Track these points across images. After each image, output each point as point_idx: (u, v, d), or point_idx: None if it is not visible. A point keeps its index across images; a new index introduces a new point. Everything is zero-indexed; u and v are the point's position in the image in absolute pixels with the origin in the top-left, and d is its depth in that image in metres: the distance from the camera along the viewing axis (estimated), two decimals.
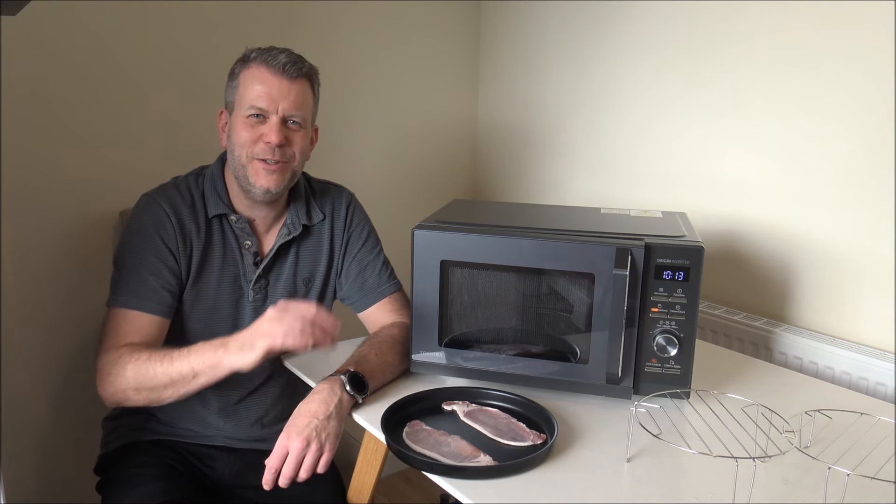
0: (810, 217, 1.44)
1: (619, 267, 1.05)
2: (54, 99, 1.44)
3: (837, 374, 1.35)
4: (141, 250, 1.18)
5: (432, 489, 0.97)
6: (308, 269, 1.31)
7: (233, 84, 1.20)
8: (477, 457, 0.95)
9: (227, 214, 1.23)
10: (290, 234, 1.26)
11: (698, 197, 1.63)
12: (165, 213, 1.19)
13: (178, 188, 1.23)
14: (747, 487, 0.86)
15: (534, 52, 1.98)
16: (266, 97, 1.16)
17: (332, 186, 1.37)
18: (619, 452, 0.97)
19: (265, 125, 1.17)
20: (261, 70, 1.16)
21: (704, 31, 1.57)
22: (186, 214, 1.21)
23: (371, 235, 1.36)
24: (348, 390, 1.08)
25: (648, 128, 1.72)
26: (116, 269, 1.20)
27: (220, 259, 1.23)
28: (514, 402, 1.11)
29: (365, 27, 1.88)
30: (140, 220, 1.20)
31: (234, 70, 1.21)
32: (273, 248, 1.26)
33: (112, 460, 1.27)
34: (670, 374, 1.09)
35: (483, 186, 2.23)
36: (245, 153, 1.18)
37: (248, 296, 1.25)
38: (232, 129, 1.20)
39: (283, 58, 1.16)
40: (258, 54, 1.18)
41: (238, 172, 1.20)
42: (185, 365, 1.06)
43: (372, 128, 1.97)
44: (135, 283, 1.16)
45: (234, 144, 1.19)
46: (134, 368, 1.08)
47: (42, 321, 1.48)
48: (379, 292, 1.32)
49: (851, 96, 1.34)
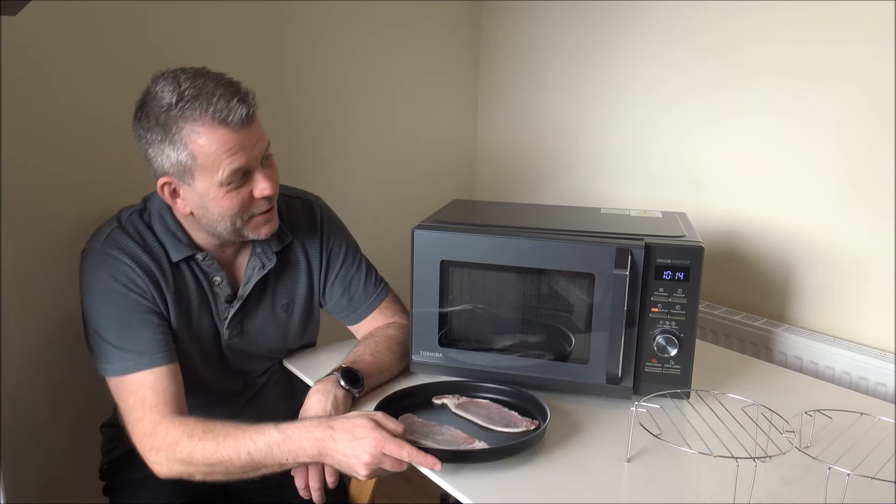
0: (810, 217, 1.44)
1: (619, 267, 1.05)
2: (54, 99, 1.44)
3: (837, 374, 1.35)
4: (119, 312, 1.06)
5: (432, 489, 0.97)
6: (286, 295, 1.22)
7: (173, 147, 1.01)
8: (472, 443, 0.95)
9: (191, 256, 1.12)
10: (265, 267, 1.17)
11: (698, 197, 1.63)
12: (126, 265, 1.07)
13: (126, 233, 1.10)
14: (748, 487, 0.86)
15: (534, 52, 1.98)
16: (241, 156, 1.01)
17: (298, 199, 1.25)
18: (620, 452, 0.97)
19: (251, 180, 1.05)
20: (217, 130, 0.99)
21: (706, 32, 1.57)
22: (147, 261, 1.09)
23: (349, 246, 1.28)
24: (343, 385, 1.07)
25: (649, 128, 1.72)
26: (99, 337, 1.07)
27: (194, 301, 1.14)
28: (503, 393, 1.12)
29: (365, 27, 1.88)
30: (100, 279, 1.07)
31: (166, 124, 1.00)
32: (248, 285, 1.16)
33: (118, 465, 1.25)
34: (670, 374, 1.09)
35: (483, 186, 2.23)
36: (239, 219, 1.06)
37: (224, 335, 1.18)
38: (204, 202, 1.04)
39: (233, 105, 0.99)
40: (193, 104, 0.99)
41: (224, 234, 1.08)
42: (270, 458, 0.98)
43: (372, 128, 1.97)
44: (134, 344, 1.06)
45: (215, 216, 1.05)
46: (202, 451, 0.98)
47: (42, 321, 1.48)
48: (368, 305, 1.27)
49: (852, 96, 1.34)
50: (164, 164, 1.03)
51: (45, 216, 1.46)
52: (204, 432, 0.99)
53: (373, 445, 0.91)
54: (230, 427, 0.99)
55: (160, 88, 1.01)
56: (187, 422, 1.02)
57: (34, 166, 1.43)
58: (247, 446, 0.97)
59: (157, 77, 1.04)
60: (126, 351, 1.05)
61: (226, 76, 1.04)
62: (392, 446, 0.91)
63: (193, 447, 0.98)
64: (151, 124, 1.02)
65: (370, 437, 0.92)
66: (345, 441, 0.93)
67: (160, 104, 1.01)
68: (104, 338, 1.06)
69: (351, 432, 0.93)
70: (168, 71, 1.04)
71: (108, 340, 1.06)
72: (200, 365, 1.18)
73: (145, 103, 1.03)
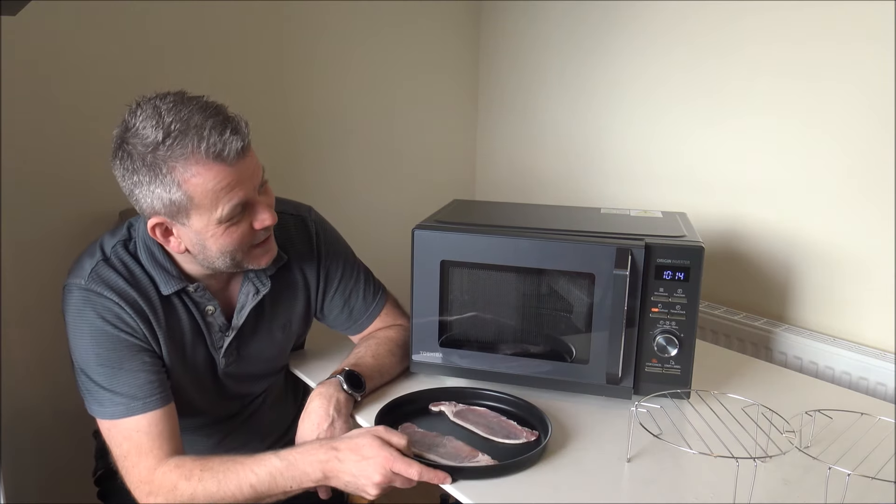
0: (810, 217, 1.44)
1: (619, 267, 1.05)
2: (54, 99, 1.44)
3: (837, 374, 1.35)
4: (109, 353, 1.00)
5: (432, 489, 0.96)
6: (284, 315, 1.17)
7: (164, 188, 0.93)
8: (475, 456, 0.95)
9: (182, 289, 1.05)
10: (260, 293, 1.11)
11: (698, 197, 1.63)
12: (114, 303, 1.00)
13: (112, 267, 1.02)
14: (748, 487, 0.86)
15: (534, 52, 1.98)
16: (239, 190, 0.95)
17: (290, 216, 1.18)
18: (620, 453, 0.97)
19: (250, 212, 0.99)
20: (212, 168, 0.92)
21: (706, 32, 1.57)
22: (136, 297, 1.01)
23: (346, 260, 1.23)
24: (346, 389, 1.07)
25: (649, 128, 1.72)
26: (88, 379, 1.00)
27: (187, 334, 1.08)
28: (501, 401, 1.11)
29: (364, 27, 1.88)
30: (86, 318, 1.00)
31: (153, 165, 0.92)
32: (243, 313, 1.11)
33: (111, 473, 1.18)
34: (670, 374, 1.09)
35: (483, 187, 2.23)
36: (239, 253, 1.01)
37: (220, 364, 1.12)
38: (202, 239, 0.98)
39: (227, 138, 0.92)
40: (182, 140, 0.91)
41: (222, 268, 1.03)
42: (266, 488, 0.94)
43: (371, 128, 1.97)
44: (126, 387, 0.99)
45: (213, 253, 1.00)
46: (204, 491, 0.94)
47: (42, 321, 1.48)
48: (368, 316, 1.24)
49: (852, 96, 1.34)
50: (155, 205, 0.95)
51: (45, 216, 1.46)
52: (202, 471, 0.94)
53: (382, 465, 0.89)
54: (228, 462, 0.95)
55: (141, 124, 0.92)
56: (183, 463, 0.96)
57: (34, 166, 1.43)
58: (249, 479, 0.93)
59: (133, 109, 0.95)
60: (118, 394, 0.99)
61: (210, 102, 0.96)
62: (401, 465, 0.89)
63: (194, 489, 0.94)
64: (137, 165, 0.93)
65: (379, 456, 0.90)
66: (352, 461, 0.91)
67: (144, 143, 0.91)
68: (94, 380, 1.00)
69: (358, 452, 0.91)
70: (144, 100, 0.95)
71: (98, 383, 1.00)
72: (196, 395, 1.13)
73: (125, 141, 0.94)
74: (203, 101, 0.95)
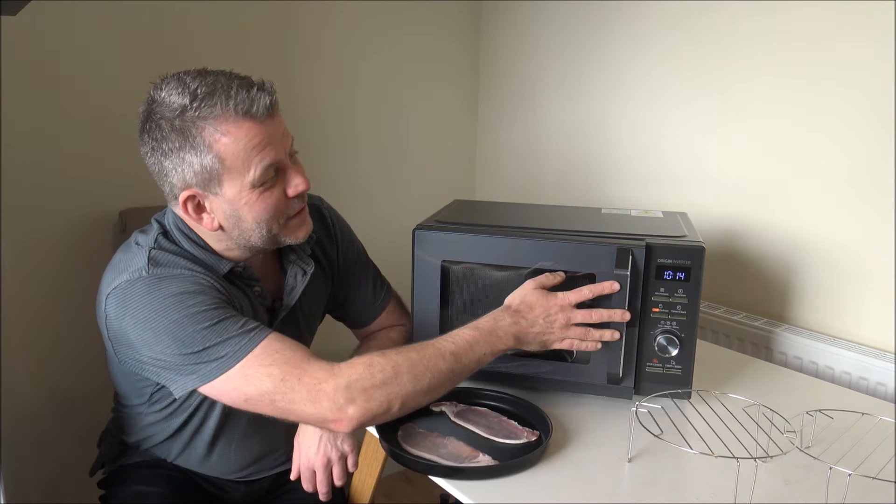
0: (810, 217, 1.44)
1: (619, 267, 1.05)
2: (54, 99, 1.44)
3: (837, 374, 1.35)
4: (206, 311, 0.91)
5: (432, 489, 0.97)
6: (313, 307, 1.16)
7: (195, 152, 0.90)
8: (476, 457, 0.95)
9: (232, 268, 1.02)
10: (307, 273, 1.09)
11: (698, 197, 1.63)
12: (189, 271, 0.95)
13: (166, 251, 0.97)
14: (749, 487, 0.86)
15: (534, 53, 1.98)
16: (271, 150, 0.93)
17: None
18: (621, 453, 0.97)
19: (284, 178, 0.97)
20: (242, 125, 0.90)
21: (707, 33, 1.57)
22: (202, 271, 0.97)
23: (359, 247, 1.25)
24: None
25: (650, 128, 1.72)
26: (194, 354, 0.90)
27: (247, 313, 1.02)
28: (502, 401, 1.11)
29: (365, 27, 1.88)
30: (164, 301, 0.91)
31: (183, 129, 0.89)
32: (295, 293, 1.08)
33: (115, 478, 1.19)
34: (671, 374, 1.09)
35: (483, 187, 2.23)
36: (275, 224, 0.98)
37: None
38: (236, 209, 0.95)
39: (255, 95, 0.91)
40: (210, 101, 0.89)
41: (259, 243, 0.99)
42: None
43: (371, 128, 1.97)
44: (238, 326, 0.91)
45: (249, 223, 0.96)
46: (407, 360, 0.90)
47: (42, 321, 1.48)
48: (377, 307, 1.25)
49: (852, 97, 1.34)
50: (186, 175, 0.92)
51: (45, 216, 1.46)
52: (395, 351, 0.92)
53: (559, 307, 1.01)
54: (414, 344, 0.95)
55: (166, 94, 0.91)
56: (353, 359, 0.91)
57: (34, 166, 1.43)
58: (448, 347, 0.94)
59: (157, 84, 0.94)
60: (234, 337, 0.90)
61: (233, 71, 0.96)
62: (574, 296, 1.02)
63: (395, 360, 0.89)
64: (166, 132, 0.90)
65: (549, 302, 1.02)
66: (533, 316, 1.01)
67: (171, 108, 0.90)
68: (204, 348, 0.90)
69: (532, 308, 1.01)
70: (168, 75, 0.94)
71: (209, 345, 0.90)
72: None
73: (152, 112, 0.92)
74: (224, 70, 0.95)
